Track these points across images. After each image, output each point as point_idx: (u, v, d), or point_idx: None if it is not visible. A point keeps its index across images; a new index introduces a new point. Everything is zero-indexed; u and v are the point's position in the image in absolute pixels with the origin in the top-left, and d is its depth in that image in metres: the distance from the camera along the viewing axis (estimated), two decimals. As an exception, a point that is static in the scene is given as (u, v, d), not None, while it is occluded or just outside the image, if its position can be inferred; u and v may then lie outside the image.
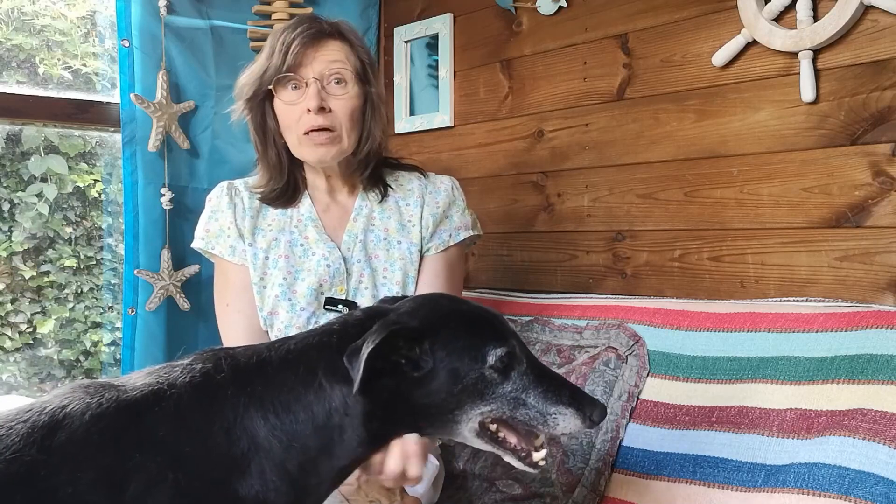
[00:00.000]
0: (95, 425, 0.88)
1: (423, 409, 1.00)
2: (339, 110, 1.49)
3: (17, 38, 2.33)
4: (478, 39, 2.29)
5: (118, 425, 0.89)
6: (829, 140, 1.58)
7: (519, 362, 1.01)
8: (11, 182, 2.40)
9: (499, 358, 0.99)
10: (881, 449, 1.18)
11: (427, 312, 1.03)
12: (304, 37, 1.47)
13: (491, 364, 0.99)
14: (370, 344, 0.94)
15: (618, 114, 1.94)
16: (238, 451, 0.93)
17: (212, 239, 1.58)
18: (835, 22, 1.52)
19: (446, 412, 1.00)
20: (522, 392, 1.00)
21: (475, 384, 0.99)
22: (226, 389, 0.96)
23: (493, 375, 1.00)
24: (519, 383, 1.01)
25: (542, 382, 1.01)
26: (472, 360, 0.99)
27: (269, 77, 1.49)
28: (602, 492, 1.49)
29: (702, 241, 1.78)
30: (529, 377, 1.01)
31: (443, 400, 0.99)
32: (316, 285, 1.53)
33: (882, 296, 1.50)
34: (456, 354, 0.99)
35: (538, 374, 1.02)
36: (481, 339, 1.01)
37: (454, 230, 1.61)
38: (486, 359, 0.99)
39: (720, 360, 1.47)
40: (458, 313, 1.05)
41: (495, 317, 1.06)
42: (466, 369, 0.99)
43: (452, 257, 1.62)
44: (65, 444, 0.86)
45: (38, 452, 0.85)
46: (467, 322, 1.04)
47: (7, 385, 2.44)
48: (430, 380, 0.99)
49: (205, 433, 0.92)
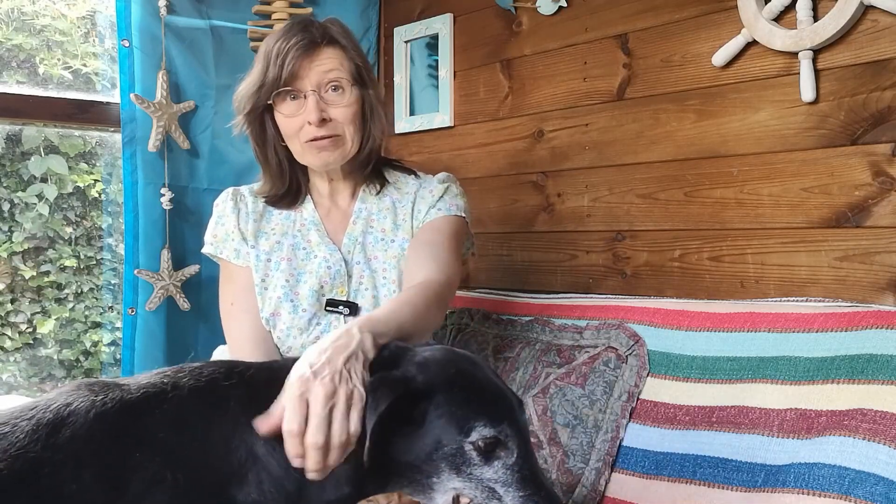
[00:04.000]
0: (99, 423, 0.89)
1: (404, 466, 0.97)
2: (339, 117, 1.51)
3: (17, 38, 2.33)
4: (478, 39, 2.29)
5: (121, 424, 0.90)
6: (829, 140, 1.58)
7: (508, 454, 0.95)
8: (11, 182, 2.40)
9: (482, 438, 0.93)
10: (881, 449, 1.18)
11: (437, 370, 0.99)
12: (297, 48, 1.49)
13: (472, 441, 0.94)
14: (378, 410, 0.91)
15: (618, 114, 1.94)
16: (236, 460, 0.93)
17: (219, 243, 1.61)
18: (835, 22, 1.52)
19: (423, 475, 0.96)
20: (502, 486, 0.94)
21: (453, 456, 0.94)
22: (229, 400, 0.96)
23: (471, 453, 0.94)
24: (501, 475, 0.94)
25: (526, 487, 0.94)
26: (456, 431, 0.94)
27: (266, 91, 1.51)
28: (602, 492, 1.49)
29: (702, 241, 1.78)
30: (515, 475, 0.94)
31: (422, 462, 0.95)
32: (317, 287, 1.55)
33: (882, 296, 1.50)
34: (445, 420, 0.95)
35: (527, 476, 0.95)
36: (475, 412, 0.95)
37: (447, 206, 1.60)
38: (471, 434, 0.94)
39: (720, 360, 1.47)
40: (466, 378, 0.99)
41: (505, 397, 1.00)
42: (448, 438, 0.94)
43: (443, 223, 1.59)
44: (69, 441, 0.87)
45: (43, 449, 0.85)
46: (470, 390, 0.98)
47: (7, 385, 2.44)
48: (416, 438, 0.95)
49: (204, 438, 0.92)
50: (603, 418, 1.55)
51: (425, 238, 1.56)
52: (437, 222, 1.59)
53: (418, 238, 1.58)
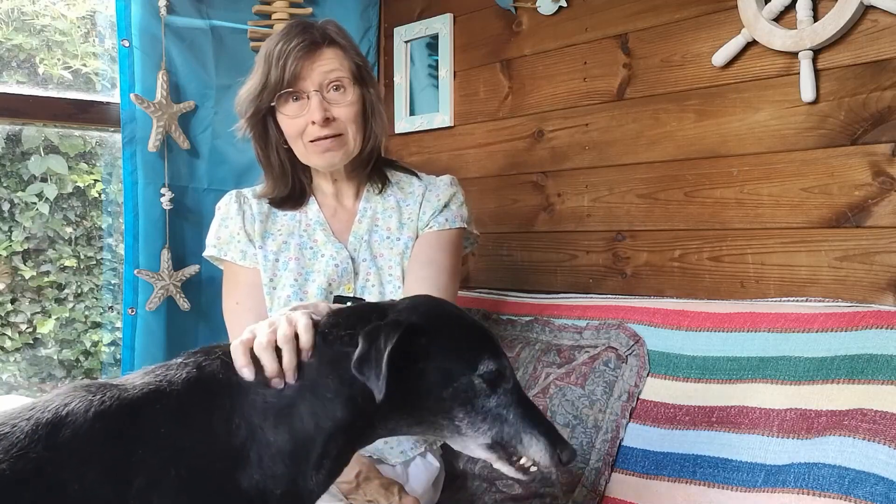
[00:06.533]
0: (99, 422, 0.89)
1: (411, 407, 1.01)
2: (342, 116, 1.54)
3: (17, 38, 2.33)
4: (478, 39, 2.29)
5: (121, 422, 0.90)
6: (829, 140, 1.58)
7: (506, 381, 1.03)
8: (11, 182, 2.40)
9: (489, 370, 1.01)
10: (881, 449, 1.18)
11: (427, 311, 1.04)
12: (299, 49, 1.50)
13: (480, 373, 1.00)
14: (388, 344, 0.93)
15: (618, 114, 1.94)
16: (238, 441, 0.94)
17: (223, 245, 1.62)
18: (835, 22, 1.52)
19: (430, 413, 1.01)
20: (504, 409, 1.02)
21: (465, 391, 1.00)
22: (221, 383, 0.97)
23: (481, 385, 1.00)
24: (503, 400, 1.02)
25: (522, 405, 1.03)
26: (464, 366, 1.00)
27: (269, 93, 1.53)
28: (602, 492, 1.49)
29: (702, 241, 1.78)
30: (513, 397, 1.03)
31: (431, 399, 1.00)
32: (325, 285, 1.57)
33: (882, 296, 1.50)
34: (451, 356, 1.01)
35: (521, 397, 1.04)
36: (476, 348, 1.02)
37: (452, 217, 1.63)
38: (478, 367, 1.00)
39: (720, 360, 1.47)
40: (457, 318, 1.07)
41: (491, 333, 1.08)
42: (458, 373, 1.00)
43: (446, 240, 1.62)
44: (70, 440, 0.87)
45: (44, 449, 0.85)
46: (465, 329, 1.06)
47: (7, 385, 2.44)
48: (421, 377, 0.99)
49: (205, 427, 0.93)
50: (603, 418, 1.55)
51: (429, 256, 1.59)
52: (442, 237, 1.61)
53: (422, 251, 1.60)
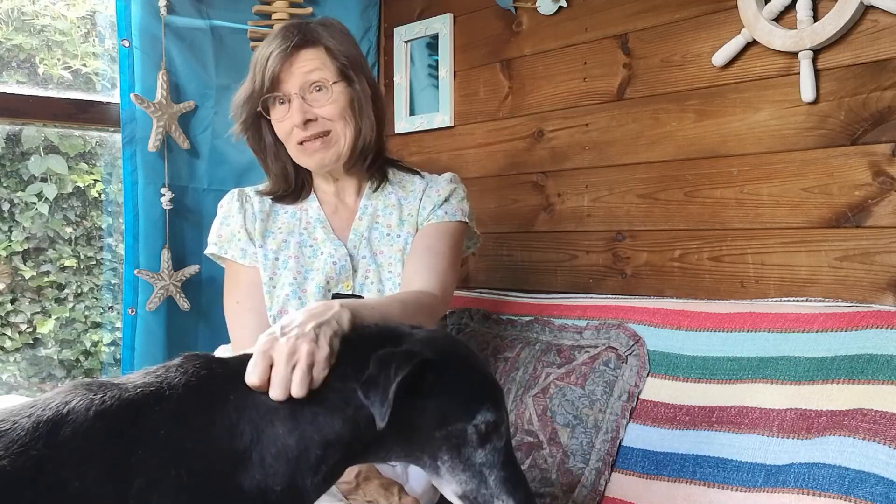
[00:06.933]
0: (100, 421, 0.89)
1: (402, 438, 0.99)
2: (327, 115, 1.54)
3: (17, 38, 2.33)
4: (478, 39, 2.29)
5: (122, 421, 0.90)
6: (829, 140, 1.58)
7: (499, 438, 0.99)
8: (11, 182, 2.40)
9: (486, 421, 0.97)
10: (881, 449, 1.18)
11: (442, 349, 1.01)
12: (277, 54, 1.52)
13: (476, 423, 0.97)
14: (399, 374, 0.92)
15: (618, 114, 1.94)
16: (240, 442, 0.93)
17: (224, 244, 1.63)
18: (835, 22, 1.52)
19: (419, 448, 0.99)
20: (488, 468, 0.98)
21: (456, 436, 0.97)
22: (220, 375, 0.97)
23: (472, 436, 0.97)
24: (488, 458, 0.98)
25: (507, 469, 0.99)
26: (463, 411, 0.97)
27: (255, 99, 1.55)
28: (602, 492, 1.49)
29: (702, 241, 1.78)
30: (499, 457, 0.99)
31: (422, 436, 0.98)
32: (323, 283, 1.57)
33: (882, 296, 1.50)
34: (453, 398, 0.98)
35: (509, 459, 1.00)
36: (480, 396, 0.99)
37: (452, 211, 1.63)
38: (476, 416, 0.97)
39: (720, 360, 1.47)
40: (469, 361, 1.04)
41: (498, 385, 1.05)
42: (455, 417, 0.97)
43: (445, 230, 1.61)
44: (70, 439, 0.86)
45: (45, 447, 0.85)
46: (474, 373, 1.02)
47: (7, 385, 2.44)
48: (419, 412, 0.97)
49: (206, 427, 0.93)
50: (603, 418, 1.55)
51: (427, 243, 1.59)
52: (442, 228, 1.61)
53: (421, 240, 1.59)
